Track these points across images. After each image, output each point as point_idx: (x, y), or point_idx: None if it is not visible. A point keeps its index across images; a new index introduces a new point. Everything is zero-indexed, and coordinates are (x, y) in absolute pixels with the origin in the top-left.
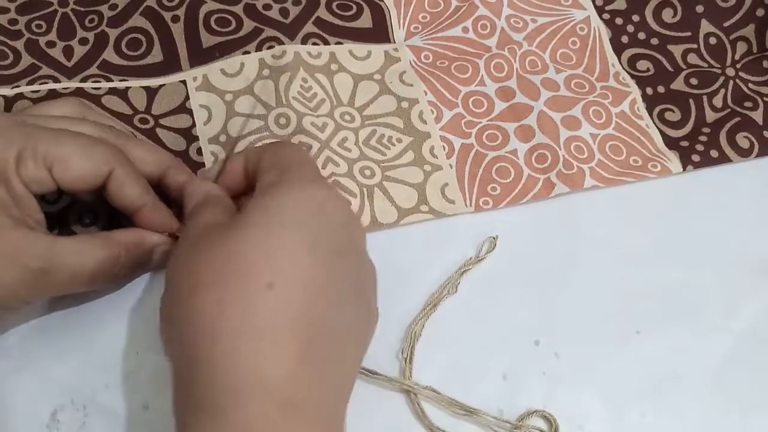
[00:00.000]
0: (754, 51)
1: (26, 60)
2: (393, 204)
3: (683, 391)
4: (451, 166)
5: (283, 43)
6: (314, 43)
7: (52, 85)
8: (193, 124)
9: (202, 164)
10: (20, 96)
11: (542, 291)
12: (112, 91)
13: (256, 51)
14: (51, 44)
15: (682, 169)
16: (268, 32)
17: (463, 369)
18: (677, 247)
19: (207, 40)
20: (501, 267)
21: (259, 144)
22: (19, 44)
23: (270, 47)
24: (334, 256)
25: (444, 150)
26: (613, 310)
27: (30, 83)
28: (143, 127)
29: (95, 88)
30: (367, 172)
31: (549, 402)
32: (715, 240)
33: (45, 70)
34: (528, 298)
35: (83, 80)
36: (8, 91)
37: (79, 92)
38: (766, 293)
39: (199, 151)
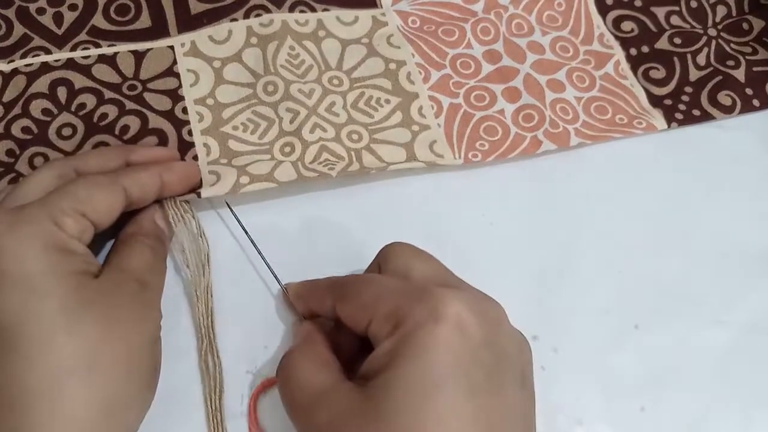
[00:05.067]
0: (734, 14)
1: (19, 30)
2: (382, 162)
3: (682, 385)
4: (439, 126)
5: (271, 12)
6: (301, 11)
7: (44, 58)
8: (180, 85)
9: (187, 122)
10: (16, 71)
11: (540, 286)
12: (101, 59)
13: (243, 19)
14: (41, 11)
15: (666, 126)
16: (256, 0)
17: None
18: (676, 240)
19: (195, 6)
20: (498, 261)
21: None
22: (10, 13)
23: (257, 15)
24: (492, 381)
25: (432, 109)
26: (611, 304)
27: (23, 56)
28: (131, 93)
29: (85, 57)
30: (355, 137)
31: (548, 396)
32: (714, 232)
33: (37, 41)
34: (525, 293)
35: (73, 48)
36: (5, 66)
37: (69, 63)
38: (764, 285)
39: (185, 110)
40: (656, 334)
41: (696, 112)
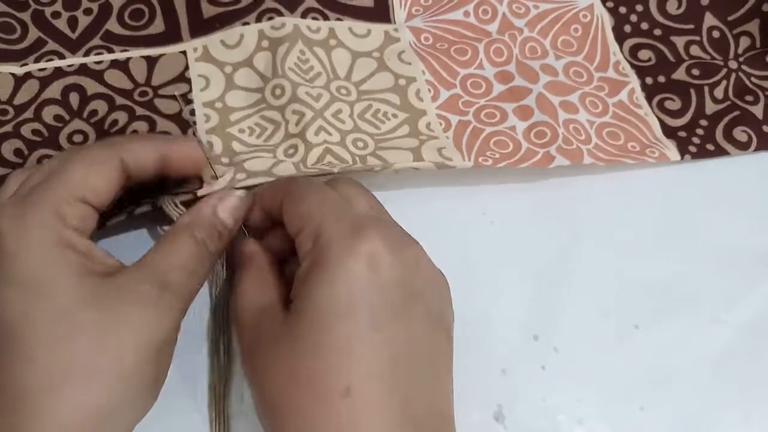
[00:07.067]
0: (757, 46)
1: (33, 33)
2: (387, 163)
3: (682, 385)
4: (447, 138)
5: (283, 15)
6: (314, 18)
7: (57, 63)
8: (190, 90)
9: (194, 122)
10: (29, 75)
11: (540, 285)
12: (114, 64)
13: (255, 22)
14: (56, 15)
15: (680, 158)
16: (269, 4)
17: (462, 363)
18: (676, 240)
19: (207, 10)
20: (498, 261)
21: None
22: (25, 16)
23: (270, 18)
24: (400, 317)
25: (441, 125)
26: (611, 304)
27: (37, 60)
28: (142, 99)
29: (97, 62)
30: (360, 144)
31: (549, 396)
32: (714, 232)
33: (51, 45)
34: (526, 292)
35: (87, 53)
36: (18, 69)
37: (82, 69)
38: (764, 285)
39: (192, 112)
40: (656, 334)
41: (710, 147)
